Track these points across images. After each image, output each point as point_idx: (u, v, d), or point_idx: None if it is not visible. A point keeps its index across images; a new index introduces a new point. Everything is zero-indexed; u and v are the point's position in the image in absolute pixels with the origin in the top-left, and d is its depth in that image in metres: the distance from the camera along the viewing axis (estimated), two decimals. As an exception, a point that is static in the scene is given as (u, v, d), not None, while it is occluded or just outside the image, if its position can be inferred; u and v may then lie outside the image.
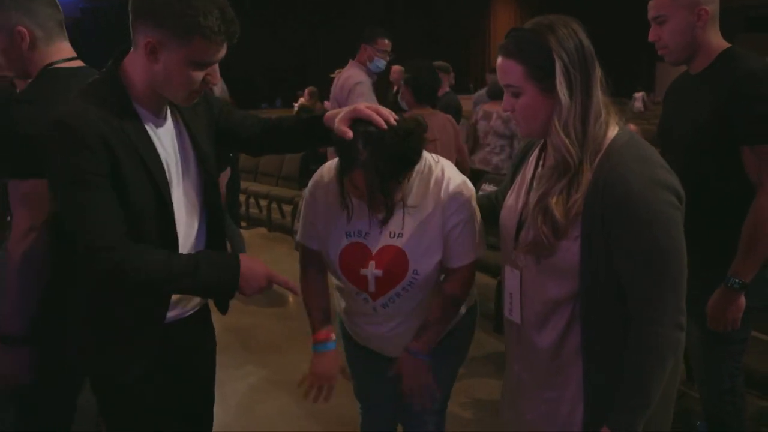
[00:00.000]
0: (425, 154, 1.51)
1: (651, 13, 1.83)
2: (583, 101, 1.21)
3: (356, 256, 1.56)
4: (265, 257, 5.56)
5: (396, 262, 1.54)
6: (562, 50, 1.19)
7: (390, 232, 1.54)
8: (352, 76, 3.77)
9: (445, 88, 5.22)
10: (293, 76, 21.01)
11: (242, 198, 7.35)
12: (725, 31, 1.85)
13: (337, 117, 1.41)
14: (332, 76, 4.11)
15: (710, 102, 1.74)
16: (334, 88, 3.91)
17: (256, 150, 1.71)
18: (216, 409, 1.72)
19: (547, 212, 1.23)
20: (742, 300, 1.75)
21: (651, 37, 1.85)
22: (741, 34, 14.00)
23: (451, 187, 1.53)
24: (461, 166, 3.35)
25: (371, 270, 1.55)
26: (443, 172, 1.54)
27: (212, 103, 1.56)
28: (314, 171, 1.66)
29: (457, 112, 3.84)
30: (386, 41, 3.86)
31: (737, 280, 1.73)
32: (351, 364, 1.87)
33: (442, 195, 1.52)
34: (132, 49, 1.31)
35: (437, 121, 3.34)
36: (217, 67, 1.34)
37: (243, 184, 7.19)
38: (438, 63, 5.32)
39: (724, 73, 1.74)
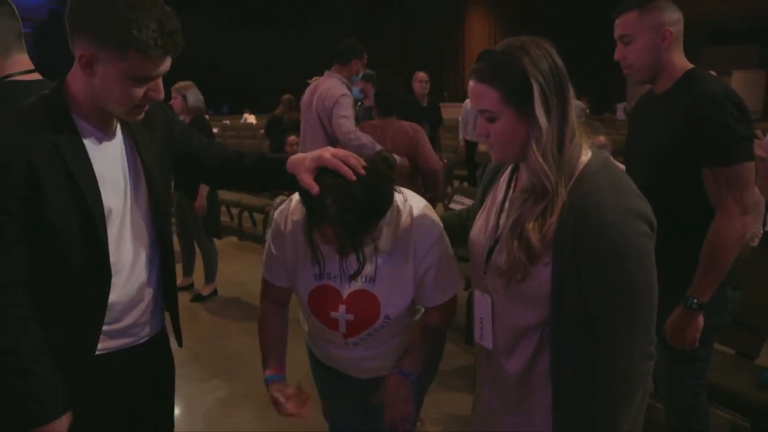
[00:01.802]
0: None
1: (617, 33, 1.85)
2: (559, 124, 1.18)
3: (326, 298, 1.51)
4: (235, 266, 5.52)
5: (367, 307, 1.49)
6: (537, 72, 1.16)
7: (362, 276, 1.47)
8: (333, 87, 3.71)
9: (370, 100, 4.94)
10: (242, 83, 20.84)
11: (213, 206, 7.27)
12: (690, 44, 1.87)
13: (302, 165, 1.33)
14: (309, 82, 4.08)
15: (671, 123, 1.76)
16: (311, 98, 3.84)
17: (216, 182, 1.63)
18: (182, 423, 1.67)
19: (522, 237, 1.20)
20: (700, 320, 1.76)
21: (617, 56, 1.88)
22: (706, 47, 14.34)
23: (420, 229, 1.46)
24: (426, 172, 3.55)
25: (342, 314, 1.50)
26: (411, 214, 1.46)
27: (173, 126, 1.50)
28: None
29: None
30: (365, 55, 3.93)
31: (695, 300, 1.74)
32: (318, 385, 1.84)
33: (411, 238, 1.46)
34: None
35: (393, 130, 3.53)
36: (160, 81, 1.28)
37: (214, 192, 7.12)
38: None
39: (685, 94, 1.75)
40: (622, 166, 1.98)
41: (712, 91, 1.70)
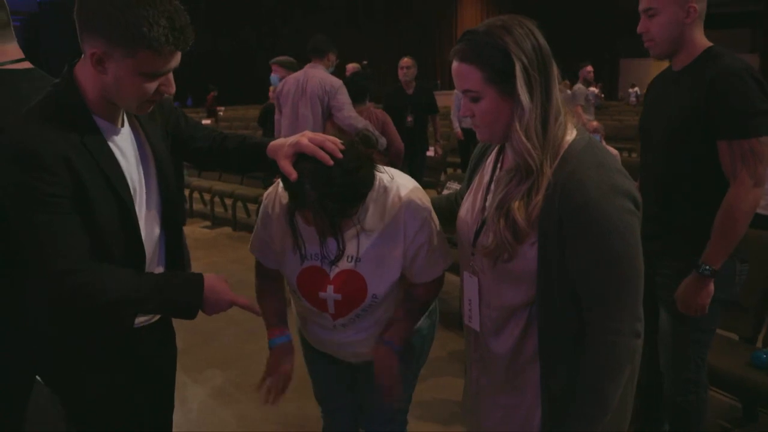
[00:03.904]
0: (378, 174, 1.43)
1: (642, 5, 1.87)
2: (543, 103, 1.18)
3: (314, 279, 1.52)
4: (230, 256, 5.51)
5: (354, 287, 1.50)
6: (520, 51, 1.15)
7: (348, 256, 1.48)
8: (328, 76, 4.13)
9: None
10: (208, 74, 20.67)
11: (207, 197, 7.27)
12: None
13: (282, 151, 1.35)
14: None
15: (689, 98, 1.79)
16: (303, 84, 4.11)
17: (201, 164, 1.68)
18: (176, 413, 1.70)
19: (508, 216, 1.20)
20: (712, 286, 1.81)
21: (639, 29, 1.89)
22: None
23: (409, 208, 1.45)
24: (391, 150, 4.08)
25: (330, 294, 1.51)
26: (399, 192, 1.46)
27: (165, 108, 1.51)
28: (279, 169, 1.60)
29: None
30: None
31: (708, 267, 1.79)
32: (310, 368, 1.85)
33: (401, 219, 1.45)
34: (82, 55, 1.25)
35: (366, 115, 4.14)
36: (171, 75, 1.28)
37: (208, 183, 7.12)
38: (281, 59, 5.25)
39: (704, 71, 1.78)
40: (615, 151, 1.98)
41: (734, 66, 1.73)
